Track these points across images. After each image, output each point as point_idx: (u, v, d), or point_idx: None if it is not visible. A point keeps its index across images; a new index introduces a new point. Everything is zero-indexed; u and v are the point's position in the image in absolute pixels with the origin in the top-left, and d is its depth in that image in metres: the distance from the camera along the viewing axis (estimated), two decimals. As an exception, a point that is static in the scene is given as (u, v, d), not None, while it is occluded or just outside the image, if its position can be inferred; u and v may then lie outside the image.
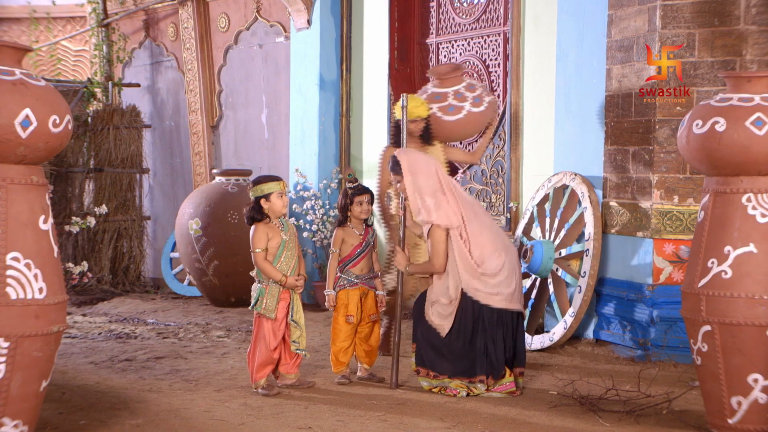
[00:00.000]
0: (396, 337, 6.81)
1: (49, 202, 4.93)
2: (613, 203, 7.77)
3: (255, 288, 6.66)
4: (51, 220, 4.90)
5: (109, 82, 13.31)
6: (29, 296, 4.73)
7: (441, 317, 6.54)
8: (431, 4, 10.15)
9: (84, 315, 10.50)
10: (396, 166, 6.73)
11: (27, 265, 4.73)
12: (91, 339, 8.85)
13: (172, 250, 12.14)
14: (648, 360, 7.30)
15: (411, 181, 6.65)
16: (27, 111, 4.67)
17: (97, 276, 12.42)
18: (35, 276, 4.75)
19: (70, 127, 4.89)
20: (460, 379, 6.48)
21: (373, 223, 7.14)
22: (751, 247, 5.23)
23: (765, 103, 5.21)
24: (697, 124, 5.33)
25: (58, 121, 4.78)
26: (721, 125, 5.23)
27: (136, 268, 12.81)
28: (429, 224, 6.56)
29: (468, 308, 6.49)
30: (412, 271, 6.82)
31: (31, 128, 4.69)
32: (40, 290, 4.76)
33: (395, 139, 7.67)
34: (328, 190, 10.72)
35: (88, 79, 13.38)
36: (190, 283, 11.81)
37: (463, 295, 6.48)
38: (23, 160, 4.75)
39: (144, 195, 13.14)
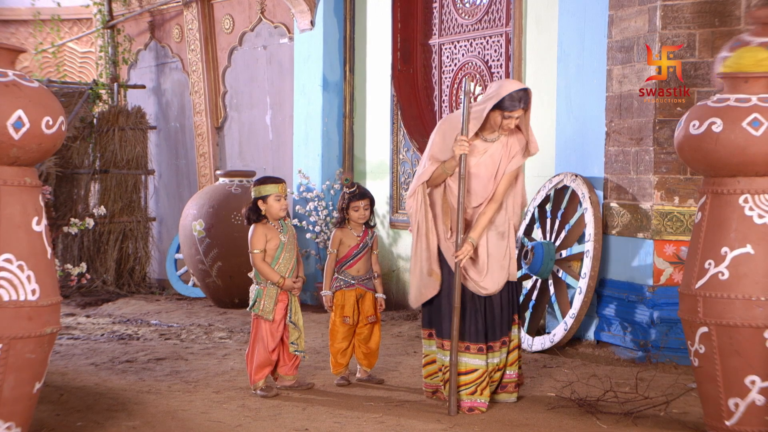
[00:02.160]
0: (452, 356, 6.09)
1: (42, 203, 4.92)
2: (613, 204, 7.74)
3: (253, 289, 6.65)
4: (44, 221, 4.89)
5: (115, 84, 13.33)
6: (22, 298, 4.71)
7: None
8: (434, 4, 10.14)
9: (88, 316, 10.51)
10: (526, 98, 6.07)
11: (20, 267, 4.71)
12: (94, 340, 8.86)
13: (177, 252, 12.15)
14: (649, 362, 7.28)
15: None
16: (19, 112, 4.66)
17: (102, 277, 12.44)
18: (28, 278, 4.73)
19: (63, 128, 4.88)
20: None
21: (374, 224, 7.12)
22: (748, 248, 5.20)
23: (762, 103, 5.18)
24: (693, 125, 5.30)
25: (51, 123, 4.77)
26: (717, 126, 5.20)
27: (142, 269, 12.82)
28: (526, 159, 6.33)
29: None
30: (478, 235, 6.15)
31: (23, 129, 4.68)
32: (33, 292, 4.75)
33: None
34: (332, 192, 10.71)
35: (94, 80, 13.39)
36: (194, 285, 11.82)
37: None
38: (16, 161, 4.74)
39: (149, 196, 13.15)
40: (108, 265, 12.54)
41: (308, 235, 10.53)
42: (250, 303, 6.63)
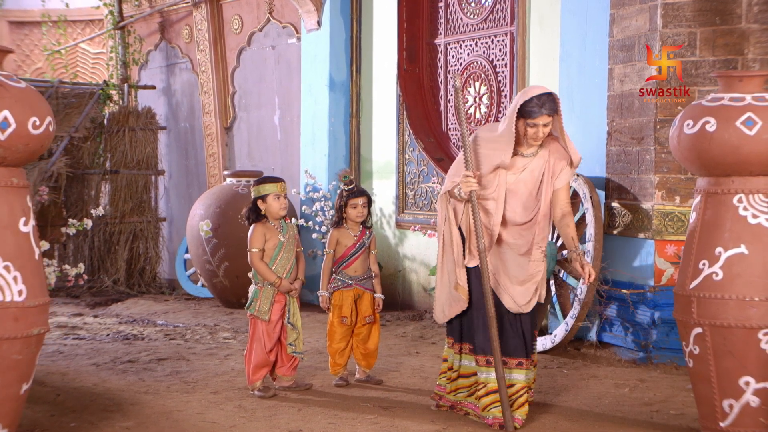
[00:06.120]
0: (498, 370, 5.68)
1: (30, 204, 4.93)
2: (614, 204, 7.70)
3: (251, 289, 6.66)
4: (32, 222, 4.89)
5: (125, 84, 13.36)
6: (8, 299, 4.71)
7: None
8: (439, 4, 10.11)
9: (95, 316, 10.52)
10: (550, 103, 5.65)
11: (6, 268, 4.71)
12: (98, 340, 8.87)
13: (186, 252, 12.17)
14: (650, 362, 7.23)
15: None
16: (5, 113, 4.66)
17: (113, 277, 12.47)
18: (15, 278, 4.73)
19: (51, 128, 4.88)
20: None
21: (371, 224, 7.10)
22: (743, 249, 5.16)
23: (756, 102, 5.14)
24: (688, 124, 5.27)
25: (38, 123, 4.77)
26: (711, 125, 5.16)
27: (152, 269, 12.84)
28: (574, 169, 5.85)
29: None
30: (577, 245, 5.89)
31: (9, 130, 4.68)
32: (20, 293, 4.75)
33: None
34: (338, 192, 10.68)
35: (104, 81, 13.43)
36: (203, 285, 11.83)
37: None
38: (3, 162, 4.74)
39: (159, 196, 13.17)
40: (118, 265, 12.57)
41: (314, 236, 10.52)
42: (247, 303, 6.63)
